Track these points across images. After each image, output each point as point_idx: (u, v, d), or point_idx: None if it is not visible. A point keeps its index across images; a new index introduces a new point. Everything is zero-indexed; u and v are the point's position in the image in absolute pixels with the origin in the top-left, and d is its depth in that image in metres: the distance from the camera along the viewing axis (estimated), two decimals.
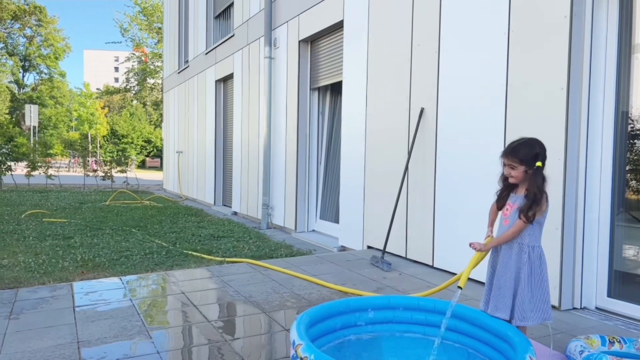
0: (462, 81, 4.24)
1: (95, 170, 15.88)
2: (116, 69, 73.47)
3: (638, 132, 3.35)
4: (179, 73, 13.84)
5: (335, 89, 6.79)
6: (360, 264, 4.78)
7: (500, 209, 2.49)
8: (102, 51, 78.83)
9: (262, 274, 4.35)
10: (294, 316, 3.23)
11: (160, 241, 6.20)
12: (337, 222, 6.29)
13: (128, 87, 46.91)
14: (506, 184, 2.45)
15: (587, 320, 3.23)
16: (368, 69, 5.51)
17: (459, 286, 2.29)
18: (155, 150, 40.95)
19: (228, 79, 10.29)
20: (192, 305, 3.44)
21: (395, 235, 4.93)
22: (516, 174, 2.35)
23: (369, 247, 5.47)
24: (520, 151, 2.33)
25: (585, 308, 3.45)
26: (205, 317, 3.20)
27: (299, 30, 7.02)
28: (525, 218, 2.28)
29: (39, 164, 15.00)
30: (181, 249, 5.71)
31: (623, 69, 3.34)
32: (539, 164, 2.31)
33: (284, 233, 7.23)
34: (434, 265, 4.55)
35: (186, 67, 13.07)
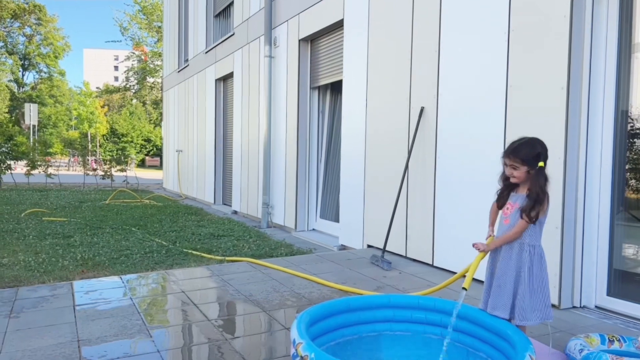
0: (463, 80, 4.24)
1: (95, 169, 15.87)
2: (116, 68, 73.46)
3: (638, 131, 3.35)
4: (178, 72, 13.84)
5: (336, 87, 6.79)
6: (360, 262, 4.78)
7: (500, 209, 2.49)
8: (102, 50, 78.79)
9: (262, 272, 4.35)
10: (294, 315, 3.23)
11: (160, 240, 6.20)
12: (338, 221, 6.30)
13: (128, 86, 46.90)
14: (506, 183, 2.44)
15: (587, 319, 3.24)
16: (368, 67, 5.51)
17: (464, 287, 2.28)
18: (154, 149, 40.96)
19: (228, 78, 10.29)
20: (192, 304, 3.45)
21: (395, 234, 4.93)
22: (518, 174, 2.34)
23: (369, 246, 5.48)
24: (522, 151, 2.31)
25: (584, 307, 3.45)
26: (205, 316, 3.20)
27: (299, 29, 7.02)
28: (528, 218, 2.28)
29: (38, 163, 15.00)
30: (181, 248, 5.71)
31: (623, 68, 3.34)
32: (541, 164, 2.30)
33: (284, 232, 7.24)
34: (433, 264, 4.56)
35: (186, 66, 13.06)
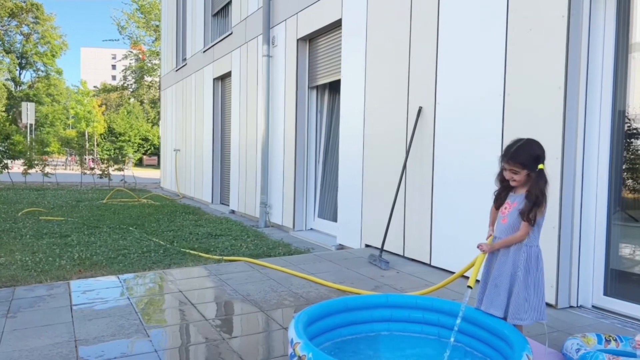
0: (460, 80, 4.25)
1: (92, 169, 15.81)
2: (113, 67, 73.27)
3: (635, 131, 3.36)
4: (176, 71, 13.81)
5: (334, 87, 6.79)
6: (358, 262, 4.78)
7: (498, 209, 2.49)
8: (99, 49, 78.60)
9: (260, 272, 4.35)
10: (292, 315, 3.23)
11: (157, 239, 6.19)
12: (335, 221, 6.30)
13: (125, 85, 46.78)
14: (504, 185, 2.45)
15: (584, 318, 3.24)
16: (366, 67, 5.51)
17: (469, 285, 2.29)
18: (152, 148, 40.86)
19: (226, 77, 10.27)
20: (190, 304, 3.44)
21: (393, 233, 4.93)
22: (519, 178, 2.34)
23: (367, 246, 5.48)
24: (521, 156, 2.31)
25: (581, 306, 3.46)
26: (202, 316, 3.20)
27: (297, 28, 7.02)
28: (527, 221, 2.29)
29: (35, 162, 14.94)
30: (179, 248, 5.70)
31: (620, 68, 3.35)
32: (541, 166, 2.31)
33: (282, 231, 7.23)
34: (431, 264, 4.56)
35: (184, 65, 13.04)
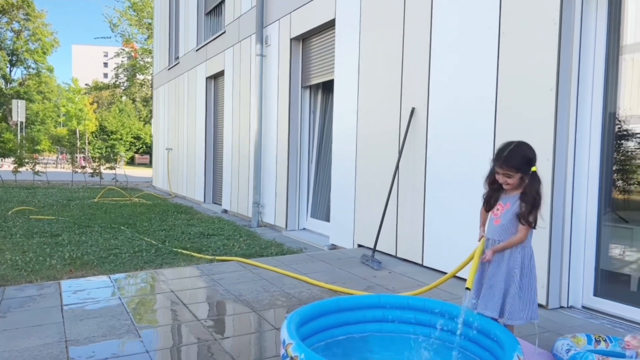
0: (453, 81, 4.26)
1: (83, 167, 15.69)
2: (105, 65, 72.81)
3: (625, 133, 3.39)
4: (169, 69, 13.75)
5: (327, 87, 6.79)
6: (350, 262, 4.79)
7: (488, 211, 2.51)
8: (91, 46, 78.07)
9: (253, 272, 4.34)
10: (284, 315, 3.23)
11: (149, 239, 6.16)
12: (328, 221, 6.30)
13: (117, 83, 46.49)
14: (493, 187, 2.46)
15: (574, 319, 3.27)
16: (359, 67, 5.51)
17: (467, 287, 2.29)
18: (144, 146, 40.64)
19: (219, 76, 10.24)
20: (182, 304, 3.43)
21: (385, 234, 4.95)
22: (513, 181, 2.35)
23: (360, 246, 5.49)
24: (514, 159, 2.32)
25: (572, 307, 3.49)
26: (194, 316, 3.19)
27: (290, 28, 7.01)
28: (527, 224, 2.31)
29: (26, 160, 14.81)
30: (171, 247, 5.68)
31: (611, 70, 3.38)
32: (534, 168, 2.32)
33: (275, 231, 7.23)
34: (423, 264, 4.58)
35: (176, 64, 12.98)
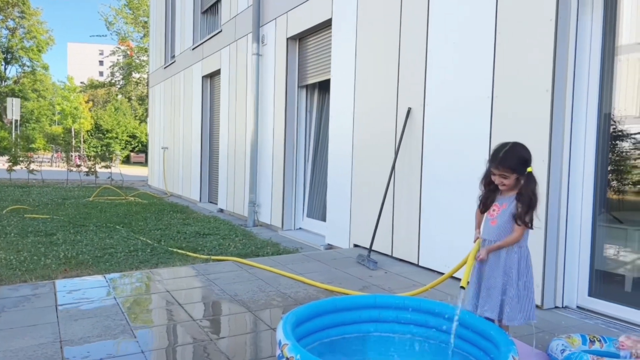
0: (449, 81, 4.27)
1: (78, 166, 15.61)
2: (101, 63, 72.51)
3: (620, 133, 3.40)
4: (165, 68, 13.70)
5: (324, 87, 6.79)
6: (346, 262, 4.79)
7: (483, 213, 2.51)
8: (87, 44, 77.75)
9: (248, 272, 4.34)
10: (280, 315, 3.22)
11: (145, 238, 6.14)
12: (324, 220, 6.30)
13: (113, 81, 46.32)
14: (489, 188, 2.47)
15: (569, 319, 3.28)
16: (356, 67, 5.51)
17: (462, 286, 2.30)
18: (140, 145, 40.49)
19: (215, 75, 10.22)
20: (177, 304, 3.42)
21: (381, 234, 4.95)
22: (509, 182, 2.36)
23: (356, 246, 5.49)
24: (509, 160, 2.32)
25: (566, 307, 3.50)
26: (190, 316, 3.18)
27: (287, 27, 7.00)
28: (524, 224, 2.31)
29: (20, 159, 14.72)
30: (166, 247, 5.66)
31: (606, 71, 3.39)
32: (530, 169, 2.33)
33: (271, 231, 7.22)
34: (419, 264, 4.58)
35: (172, 63, 12.94)
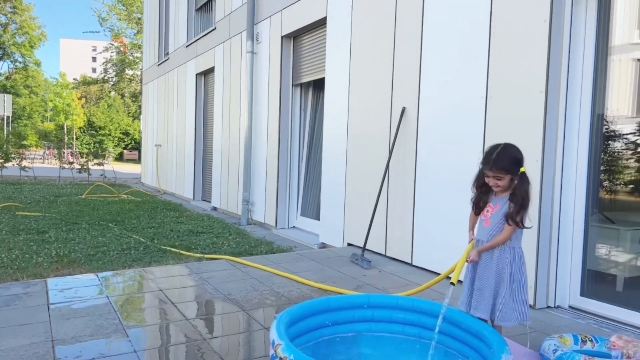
0: (444, 81, 4.27)
1: (71, 163, 15.51)
2: (94, 59, 72.01)
3: (613, 134, 3.43)
4: (158, 65, 13.63)
5: (318, 85, 6.78)
6: (340, 261, 4.80)
7: (477, 214, 2.52)
8: (79, 40, 77.15)
9: (242, 271, 4.33)
10: (274, 314, 3.22)
11: (138, 236, 6.11)
12: (318, 219, 6.30)
13: (106, 78, 46.01)
14: (482, 190, 2.47)
15: (561, 318, 3.30)
16: (351, 66, 5.51)
17: (452, 282, 2.29)
18: (133, 142, 40.26)
19: (209, 73, 10.18)
20: (170, 303, 3.41)
21: (375, 233, 4.96)
22: (503, 183, 2.37)
23: (349, 245, 5.49)
24: (503, 161, 2.33)
25: (559, 307, 3.53)
26: (183, 315, 3.17)
27: (281, 25, 6.98)
28: (515, 224, 2.32)
29: (12, 156, 14.60)
30: (159, 245, 5.64)
31: (600, 72, 3.41)
32: (523, 169, 2.34)
33: (264, 229, 7.21)
34: (412, 263, 4.59)
35: (166, 60, 12.87)
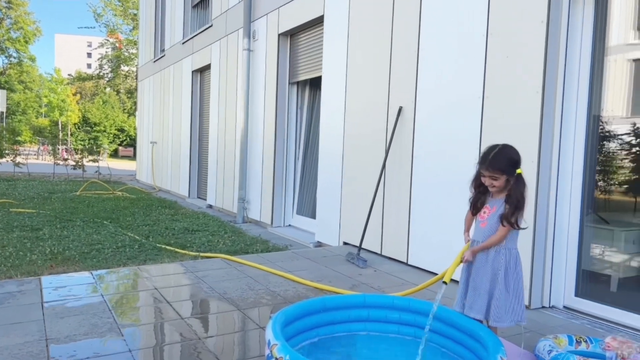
0: (441, 80, 4.27)
1: (65, 159, 15.41)
2: (89, 55, 71.68)
3: (608, 134, 3.44)
4: (154, 62, 13.57)
5: (315, 83, 6.77)
6: (336, 260, 4.79)
7: (474, 215, 2.52)
8: (75, 36, 76.76)
9: (237, 269, 4.32)
10: (269, 314, 3.22)
11: (132, 234, 6.09)
12: (314, 218, 6.29)
13: (101, 74, 45.82)
14: (479, 190, 2.48)
15: (555, 319, 3.32)
16: (347, 65, 5.50)
17: (444, 281, 2.29)
18: (128, 139, 40.12)
19: (205, 70, 10.14)
20: (165, 302, 3.39)
21: (371, 232, 4.96)
22: (499, 184, 2.37)
23: (345, 243, 5.49)
24: (499, 161, 2.34)
25: (553, 307, 3.54)
26: (178, 314, 3.16)
27: (278, 23, 6.96)
28: (509, 224, 2.32)
29: (6, 152, 14.52)
30: (154, 243, 5.61)
31: (596, 72, 3.42)
32: (519, 171, 2.35)
33: (260, 227, 7.20)
34: (408, 263, 4.60)
35: (162, 56, 12.81)
